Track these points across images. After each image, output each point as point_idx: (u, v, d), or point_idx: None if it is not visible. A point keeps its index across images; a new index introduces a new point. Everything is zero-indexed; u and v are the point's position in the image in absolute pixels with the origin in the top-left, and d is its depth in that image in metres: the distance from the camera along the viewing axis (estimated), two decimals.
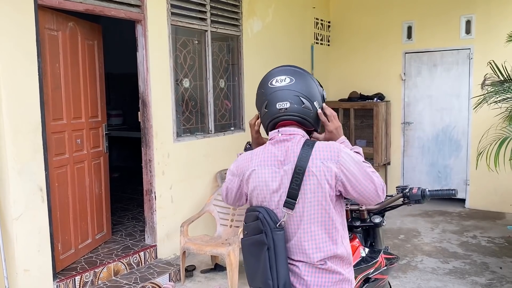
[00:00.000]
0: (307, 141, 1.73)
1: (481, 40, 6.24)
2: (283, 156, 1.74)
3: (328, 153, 1.69)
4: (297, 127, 1.79)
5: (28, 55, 3.31)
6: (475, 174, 6.27)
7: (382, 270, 2.31)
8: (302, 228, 1.71)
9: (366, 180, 1.69)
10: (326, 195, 1.68)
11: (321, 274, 1.73)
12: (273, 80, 1.86)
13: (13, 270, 3.28)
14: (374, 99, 6.83)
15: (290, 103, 1.74)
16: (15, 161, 3.24)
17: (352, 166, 1.68)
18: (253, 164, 1.80)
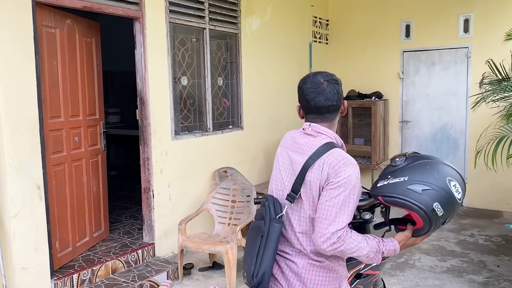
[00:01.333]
0: (329, 143, 1.75)
1: (479, 39, 6.25)
2: (306, 144, 1.78)
3: (335, 162, 1.69)
4: (327, 128, 1.83)
5: (25, 52, 3.30)
6: (473, 172, 6.27)
7: (373, 266, 2.31)
8: (300, 220, 1.76)
9: (331, 211, 1.65)
10: (317, 197, 1.72)
11: (318, 271, 1.76)
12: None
13: (11, 268, 3.27)
14: (372, 97, 6.84)
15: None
16: (13, 159, 3.23)
17: (335, 188, 1.67)
18: (285, 144, 1.90)
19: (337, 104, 1.83)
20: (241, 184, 4.69)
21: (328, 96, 1.79)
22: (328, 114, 1.82)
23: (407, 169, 1.75)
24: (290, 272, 1.78)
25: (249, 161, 5.73)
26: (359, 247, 1.68)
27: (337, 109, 1.84)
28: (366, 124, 6.77)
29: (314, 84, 1.81)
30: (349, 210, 1.67)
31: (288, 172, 1.81)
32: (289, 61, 6.53)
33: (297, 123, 6.65)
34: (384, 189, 1.77)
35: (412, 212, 1.72)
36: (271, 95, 6.15)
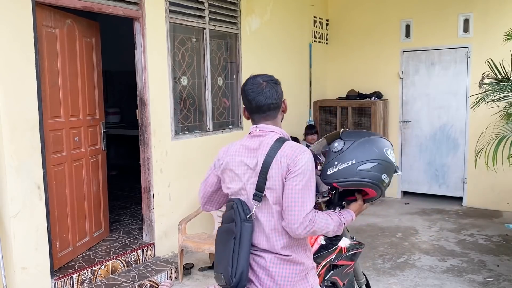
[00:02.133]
0: (280, 138, 1.87)
1: (479, 39, 6.25)
2: (258, 146, 1.87)
3: (291, 153, 1.81)
4: (274, 125, 1.93)
5: (25, 52, 3.30)
6: (473, 172, 6.28)
7: (345, 256, 2.35)
8: (268, 217, 1.85)
9: (297, 198, 1.77)
10: (281, 190, 1.81)
11: (285, 265, 1.86)
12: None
13: (11, 268, 3.27)
14: (372, 97, 6.84)
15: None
16: (13, 159, 3.23)
17: (297, 176, 1.78)
18: (229, 152, 1.96)
19: (277, 102, 1.93)
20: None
21: (267, 95, 1.89)
22: (269, 112, 1.92)
23: (350, 152, 1.94)
24: (258, 268, 1.87)
25: None
26: (327, 224, 1.85)
27: (278, 107, 1.94)
28: (366, 124, 6.77)
29: (254, 85, 1.91)
30: (312, 193, 1.81)
31: (248, 176, 1.87)
32: (289, 61, 6.53)
33: (296, 123, 6.66)
34: (337, 175, 1.94)
35: (367, 188, 1.96)
36: None
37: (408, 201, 6.83)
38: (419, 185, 6.94)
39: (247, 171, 1.88)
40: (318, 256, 2.21)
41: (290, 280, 1.86)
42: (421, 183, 6.93)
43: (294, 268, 1.87)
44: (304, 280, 1.90)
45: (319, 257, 2.22)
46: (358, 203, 2.06)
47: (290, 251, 1.86)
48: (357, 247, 2.47)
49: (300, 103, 6.93)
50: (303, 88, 6.99)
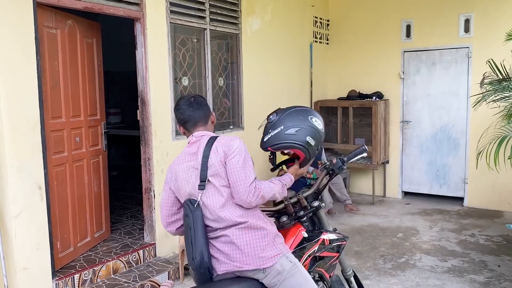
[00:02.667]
0: (213, 137, 2.22)
1: (479, 39, 6.25)
2: (197, 148, 2.18)
3: (225, 141, 2.16)
4: (206, 130, 2.29)
5: (26, 53, 3.30)
6: (474, 172, 6.28)
7: (328, 248, 2.41)
8: (218, 198, 2.10)
9: (240, 173, 2.08)
10: (225, 173, 2.11)
11: (246, 232, 2.08)
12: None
13: (12, 268, 3.28)
14: (373, 97, 6.84)
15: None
16: (14, 159, 3.24)
17: (233, 157, 2.10)
18: (176, 166, 2.23)
19: (206, 114, 2.31)
20: None
21: (196, 108, 2.28)
22: (200, 121, 2.28)
23: (281, 121, 2.28)
24: (225, 245, 2.08)
25: None
26: (271, 187, 2.14)
27: (206, 117, 2.31)
28: (367, 124, 6.77)
29: (185, 102, 2.30)
30: (251, 167, 2.14)
31: (195, 175, 2.15)
32: (289, 61, 6.53)
33: None
34: (270, 140, 2.28)
35: (295, 149, 2.28)
36: (271, 95, 6.15)
37: (409, 201, 6.82)
38: (420, 185, 6.94)
39: (193, 172, 2.15)
40: (301, 248, 2.29)
41: (255, 245, 2.06)
42: (422, 183, 6.92)
43: (256, 234, 2.08)
44: (272, 246, 2.10)
45: (302, 249, 2.29)
46: (294, 167, 2.38)
47: (246, 218, 2.09)
48: (340, 239, 2.50)
49: (301, 103, 6.92)
50: (304, 89, 6.99)
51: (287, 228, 2.38)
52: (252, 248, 2.04)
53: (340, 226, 5.58)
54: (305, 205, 2.42)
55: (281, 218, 2.41)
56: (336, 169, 2.51)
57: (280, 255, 2.09)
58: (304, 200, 2.41)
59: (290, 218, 2.39)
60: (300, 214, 2.40)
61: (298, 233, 2.35)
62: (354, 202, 6.77)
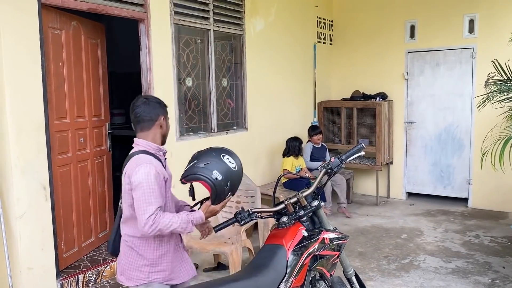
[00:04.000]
0: (133, 153, 2.30)
1: (484, 39, 6.23)
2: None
3: (130, 170, 2.22)
4: (143, 137, 2.34)
5: (31, 54, 3.32)
6: (478, 173, 6.26)
7: (328, 246, 2.42)
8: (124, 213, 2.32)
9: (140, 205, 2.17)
10: (130, 196, 2.23)
11: (129, 251, 2.31)
12: None
13: (17, 268, 3.29)
14: (377, 98, 6.82)
15: None
16: (19, 160, 3.25)
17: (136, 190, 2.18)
18: None
19: (151, 117, 2.32)
20: (245, 185, 4.69)
21: (143, 109, 2.31)
22: (143, 123, 2.32)
23: (197, 157, 2.36)
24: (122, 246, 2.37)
25: (253, 162, 5.73)
26: (172, 222, 2.18)
27: (151, 121, 2.32)
28: (371, 124, 6.75)
29: (138, 101, 2.35)
30: (152, 199, 2.16)
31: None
32: (293, 62, 6.53)
33: (301, 124, 6.66)
34: (184, 173, 2.33)
35: (202, 182, 2.27)
36: (275, 96, 6.15)
37: (413, 202, 6.80)
38: (424, 186, 6.92)
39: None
40: (301, 246, 2.30)
41: (129, 264, 2.31)
42: (426, 184, 6.90)
43: (134, 255, 2.29)
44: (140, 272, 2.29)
45: (302, 248, 2.30)
46: (206, 203, 2.36)
47: (132, 241, 2.30)
48: (341, 238, 2.51)
49: (305, 104, 6.93)
50: (308, 89, 6.98)
51: (287, 227, 2.38)
52: (126, 265, 2.32)
53: (343, 227, 5.57)
54: (304, 204, 2.43)
55: (281, 218, 2.41)
56: (335, 167, 2.51)
57: (143, 283, 2.29)
58: (304, 199, 2.42)
59: (290, 218, 2.40)
60: (300, 213, 2.41)
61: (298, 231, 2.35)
62: (358, 203, 6.78)
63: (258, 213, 2.43)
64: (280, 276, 2.21)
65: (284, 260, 2.24)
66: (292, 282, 2.23)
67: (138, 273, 2.29)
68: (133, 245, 2.29)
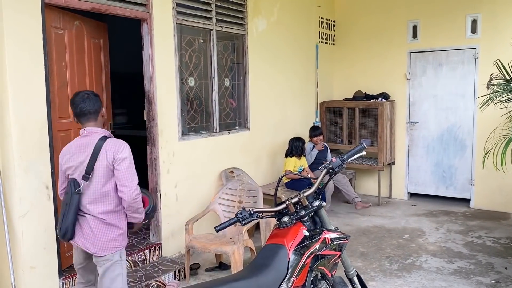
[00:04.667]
0: (103, 137, 2.71)
1: (487, 40, 6.22)
2: (87, 145, 2.69)
3: (112, 146, 2.67)
4: (96, 126, 2.77)
5: (34, 53, 3.33)
6: (480, 174, 6.25)
7: (329, 246, 2.41)
8: (92, 192, 2.68)
9: (128, 174, 2.67)
10: (109, 173, 2.67)
11: (104, 226, 2.71)
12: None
13: (19, 267, 3.30)
14: (379, 98, 6.82)
15: None
16: (21, 159, 3.26)
17: (121, 163, 2.65)
18: (68, 153, 2.76)
19: (96, 109, 2.77)
20: (247, 185, 4.70)
21: (88, 103, 2.73)
22: (90, 115, 2.75)
23: None
24: (85, 225, 2.71)
25: (254, 162, 5.73)
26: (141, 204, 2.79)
27: (97, 112, 2.77)
28: (373, 125, 6.75)
29: (80, 97, 2.75)
30: (134, 172, 2.72)
31: (82, 164, 2.67)
32: (295, 62, 6.53)
33: (303, 124, 6.66)
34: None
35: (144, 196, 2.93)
36: (277, 96, 6.15)
37: (415, 203, 6.80)
38: (426, 186, 6.91)
39: (81, 163, 2.67)
40: (302, 246, 2.29)
41: (104, 238, 2.70)
42: (428, 185, 6.89)
43: (108, 229, 2.72)
44: (114, 241, 2.74)
45: (303, 247, 2.29)
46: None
47: (106, 216, 2.70)
48: (342, 238, 2.51)
49: (307, 104, 6.93)
50: (310, 89, 6.98)
51: (288, 227, 2.38)
52: (101, 239, 2.70)
53: (345, 227, 5.57)
54: (306, 204, 2.43)
55: (282, 218, 2.41)
56: (336, 167, 2.50)
57: (116, 250, 2.75)
58: (305, 199, 2.42)
59: (291, 218, 2.40)
60: (302, 213, 2.41)
61: (299, 231, 2.35)
62: None
63: (259, 213, 2.42)
64: (282, 275, 2.21)
65: (285, 260, 2.24)
66: (293, 282, 2.23)
67: (114, 242, 2.74)
68: (109, 219, 2.71)
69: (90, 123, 2.75)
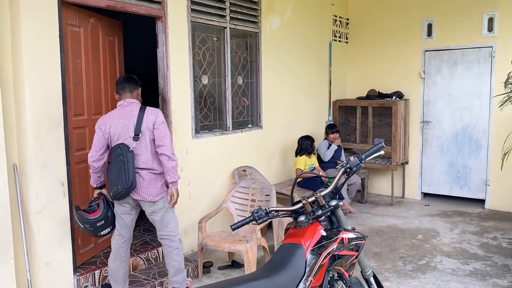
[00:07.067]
0: (142, 106, 3.32)
1: (504, 38, 6.12)
2: (130, 112, 3.27)
3: (152, 111, 3.30)
4: (134, 99, 3.39)
5: (51, 50, 3.35)
6: (496, 174, 6.16)
7: (347, 247, 2.39)
8: (143, 150, 3.25)
9: (166, 134, 3.29)
10: (151, 134, 3.26)
11: (155, 176, 3.31)
12: None
13: (35, 264, 3.32)
14: (393, 97, 6.76)
15: None
16: (38, 156, 3.28)
17: (161, 125, 3.29)
18: (111, 120, 3.25)
19: (134, 85, 3.41)
20: (260, 183, 4.68)
21: (129, 81, 3.40)
22: (127, 89, 3.37)
23: None
24: (139, 179, 3.25)
25: (266, 161, 5.71)
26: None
27: (134, 87, 3.40)
28: (387, 124, 6.69)
29: (123, 77, 3.49)
30: (169, 133, 3.37)
31: (127, 129, 3.22)
32: (308, 60, 6.49)
33: (315, 123, 6.62)
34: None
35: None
36: (290, 95, 6.13)
37: (428, 203, 6.73)
38: (439, 186, 6.84)
39: (126, 126, 3.22)
40: (320, 246, 2.27)
41: (154, 185, 3.30)
42: (442, 185, 6.82)
43: (157, 178, 3.31)
44: (162, 188, 3.36)
45: (321, 247, 2.27)
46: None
47: (155, 166, 3.30)
48: (359, 238, 2.48)
49: (320, 102, 6.89)
50: (323, 88, 6.94)
51: (305, 226, 2.36)
52: (155, 187, 3.30)
53: (358, 227, 5.52)
54: (322, 204, 2.41)
55: (299, 217, 2.39)
56: (354, 167, 2.48)
57: (164, 194, 3.37)
58: (322, 199, 2.39)
59: (308, 217, 2.37)
60: (318, 213, 2.39)
61: (316, 231, 2.33)
62: (373, 203, 6.74)
63: (275, 212, 2.41)
64: (299, 275, 2.19)
65: (302, 260, 2.22)
66: (311, 281, 2.21)
67: (162, 189, 3.35)
68: (158, 172, 3.30)
69: (127, 94, 3.34)
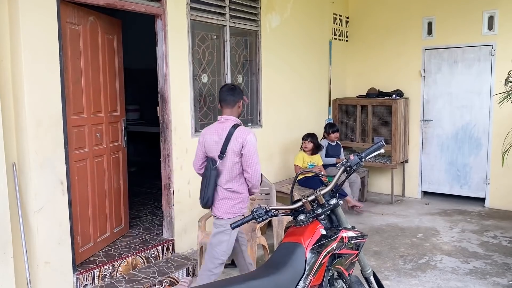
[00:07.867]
0: (235, 124, 3.20)
1: (504, 36, 6.11)
2: (222, 129, 3.19)
3: (242, 134, 3.14)
4: (230, 114, 3.28)
5: (50, 49, 3.33)
6: (496, 173, 6.16)
7: (347, 245, 2.39)
8: (225, 169, 3.19)
9: (253, 162, 3.15)
10: (237, 155, 3.14)
11: (229, 194, 3.23)
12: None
13: (34, 262, 3.31)
14: (393, 95, 6.75)
15: None
16: (37, 154, 3.27)
17: (250, 149, 3.13)
18: (207, 133, 3.27)
19: (234, 99, 3.27)
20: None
21: (229, 94, 3.27)
22: (228, 104, 3.27)
23: None
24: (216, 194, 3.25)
25: (266, 159, 5.70)
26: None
27: (234, 102, 3.28)
28: (386, 122, 6.68)
29: (226, 88, 3.34)
30: (258, 158, 3.18)
31: (216, 145, 3.18)
32: (308, 58, 6.48)
33: (315, 121, 6.61)
34: None
35: None
36: (290, 93, 6.11)
37: (428, 201, 6.72)
38: (440, 185, 6.83)
39: (217, 144, 3.18)
40: (319, 244, 2.26)
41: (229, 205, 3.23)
42: (442, 183, 6.81)
43: (233, 196, 3.23)
44: (235, 208, 3.25)
45: (321, 246, 2.27)
46: None
47: (235, 187, 3.22)
48: (359, 237, 2.47)
49: (319, 101, 6.88)
50: (323, 86, 6.93)
51: (305, 225, 2.35)
52: (228, 206, 3.23)
53: (358, 226, 5.51)
54: (322, 202, 2.40)
55: (298, 216, 2.38)
56: (354, 165, 2.46)
57: (237, 214, 3.24)
58: (322, 197, 2.39)
59: (307, 216, 2.36)
60: (318, 211, 2.38)
61: (316, 230, 2.33)
62: (373, 202, 6.74)
63: (275, 210, 2.40)
64: (299, 274, 2.18)
65: (302, 258, 2.21)
66: (310, 280, 2.20)
67: (232, 209, 3.23)
68: (236, 190, 3.22)
69: (227, 110, 3.26)
